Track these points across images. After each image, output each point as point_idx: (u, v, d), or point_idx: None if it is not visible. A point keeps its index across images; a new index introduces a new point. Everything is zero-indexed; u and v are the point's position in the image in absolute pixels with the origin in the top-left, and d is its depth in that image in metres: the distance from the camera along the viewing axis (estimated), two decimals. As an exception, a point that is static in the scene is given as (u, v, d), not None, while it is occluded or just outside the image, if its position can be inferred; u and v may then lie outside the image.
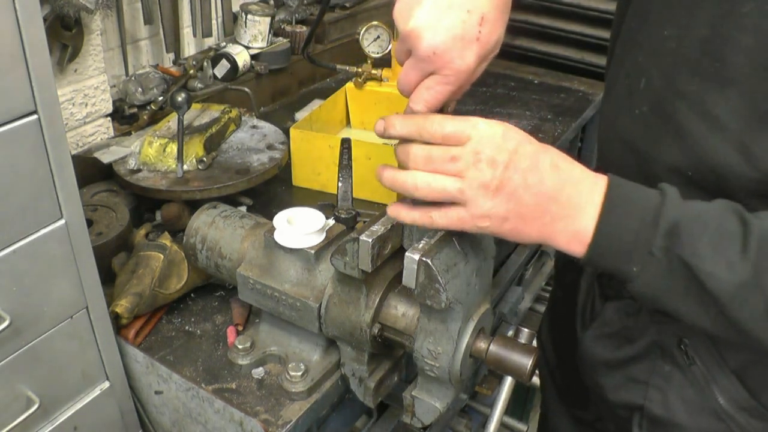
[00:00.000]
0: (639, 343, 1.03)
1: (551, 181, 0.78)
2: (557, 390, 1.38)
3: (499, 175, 0.76)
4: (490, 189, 0.77)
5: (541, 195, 0.78)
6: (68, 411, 1.07)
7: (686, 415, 0.99)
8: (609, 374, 1.08)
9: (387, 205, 0.88)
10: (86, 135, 1.58)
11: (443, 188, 0.78)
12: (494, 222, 0.79)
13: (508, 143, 0.77)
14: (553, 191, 0.78)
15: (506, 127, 0.79)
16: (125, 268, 1.21)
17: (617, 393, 1.07)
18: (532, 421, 2.33)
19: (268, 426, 1.01)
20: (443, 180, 0.78)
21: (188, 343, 1.16)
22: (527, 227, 0.79)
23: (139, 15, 1.72)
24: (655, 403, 1.02)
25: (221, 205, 1.20)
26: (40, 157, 0.89)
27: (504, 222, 0.79)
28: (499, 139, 0.77)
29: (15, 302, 0.93)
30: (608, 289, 1.11)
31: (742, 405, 0.95)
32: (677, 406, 1.00)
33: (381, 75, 1.84)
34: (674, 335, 0.99)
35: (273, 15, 1.98)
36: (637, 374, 1.04)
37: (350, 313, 0.99)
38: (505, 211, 0.78)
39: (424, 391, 0.98)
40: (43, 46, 0.84)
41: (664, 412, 1.01)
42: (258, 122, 1.67)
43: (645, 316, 1.03)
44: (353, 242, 0.90)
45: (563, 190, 0.78)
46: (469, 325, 0.92)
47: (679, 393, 1.00)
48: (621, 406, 1.08)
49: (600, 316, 1.11)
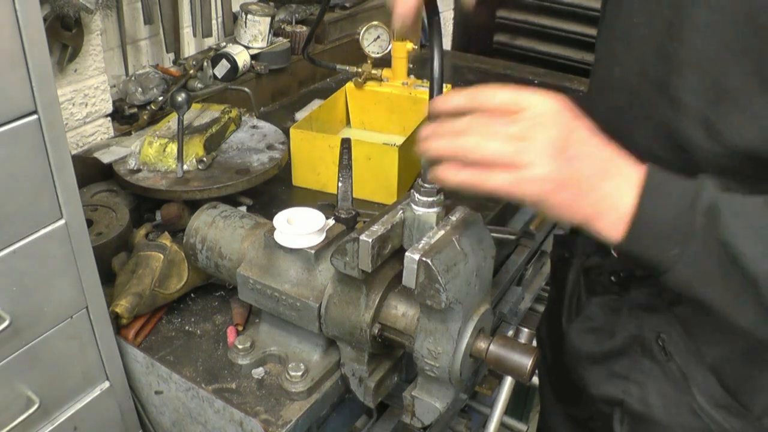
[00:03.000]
0: (619, 337, 1.04)
1: (604, 156, 0.77)
2: (552, 388, 1.39)
3: (563, 136, 0.75)
4: (554, 149, 0.74)
5: (598, 167, 0.76)
6: (68, 411, 1.07)
7: (664, 411, 1.00)
8: (592, 368, 1.09)
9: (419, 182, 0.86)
10: (86, 135, 1.58)
11: (503, 148, 0.75)
12: (549, 188, 0.75)
13: (566, 112, 0.77)
14: (606, 168, 0.77)
15: (559, 98, 0.78)
16: (125, 268, 1.21)
17: (600, 387, 1.08)
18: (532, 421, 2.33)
19: (268, 426, 1.01)
20: (503, 141, 0.75)
21: (188, 343, 1.16)
22: (580, 201, 0.77)
23: (139, 15, 1.72)
24: (634, 398, 1.03)
25: (221, 205, 1.20)
26: (40, 157, 0.89)
27: (560, 190, 0.76)
28: (557, 106, 0.77)
29: (15, 302, 0.93)
30: (594, 284, 1.12)
31: (720, 402, 0.96)
32: (656, 401, 1.00)
33: (381, 75, 1.84)
34: (653, 330, 0.99)
35: (273, 15, 1.98)
36: (618, 369, 1.05)
37: (350, 313, 0.99)
38: (563, 177, 0.75)
39: (424, 391, 0.98)
40: (43, 46, 0.84)
41: (642, 408, 1.02)
42: (258, 122, 1.67)
43: (627, 311, 1.03)
44: (353, 242, 0.90)
45: (610, 170, 0.77)
46: (469, 325, 0.92)
47: (658, 389, 1.00)
48: (603, 401, 1.08)
49: (584, 310, 1.11)
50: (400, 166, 1.49)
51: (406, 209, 0.94)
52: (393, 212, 0.95)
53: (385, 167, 1.50)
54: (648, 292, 1.01)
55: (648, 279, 1.01)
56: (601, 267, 1.10)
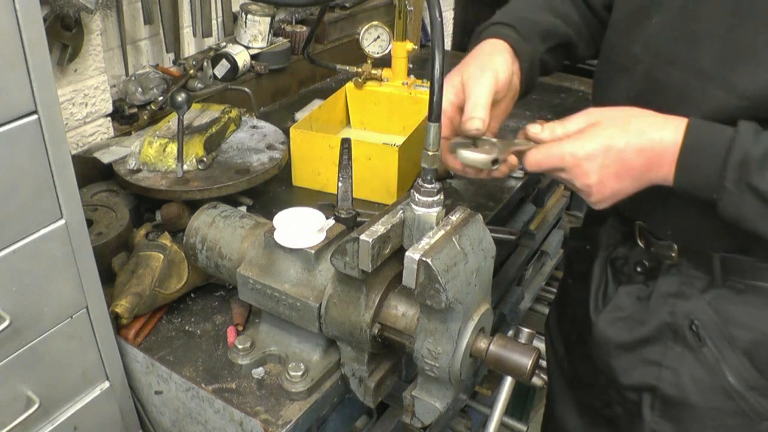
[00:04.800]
0: (651, 325, 1.08)
1: (639, 163, 0.90)
2: (565, 379, 1.40)
3: (603, 170, 0.91)
4: (600, 185, 0.92)
5: (633, 172, 0.91)
6: (68, 411, 1.07)
7: (698, 394, 1.04)
8: (622, 356, 1.12)
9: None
10: (86, 135, 1.58)
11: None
12: (608, 197, 0.94)
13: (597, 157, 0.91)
14: (640, 169, 0.90)
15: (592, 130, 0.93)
16: (125, 268, 1.21)
17: (629, 375, 1.11)
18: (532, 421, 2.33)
19: (268, 426, 1.01)
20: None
21: (188, 343, 1.16)
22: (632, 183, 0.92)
23: (139, 15, 1.72)
24: (667, 384, 1.06)
25: (221, 205, 1.20)
26: (40, 157, 0.89)
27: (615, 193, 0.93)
28: (586, 149, 0.91)
29: (15, 302, 0.93)
30: (621, 274, 1.15)
31: (752, 384, 1.00)
32: (689, 386, 1.04)
33: (381, 75, 1.84)
34: (686, 317, 1.04)
35: (273, 15, 1.98)
36: (649, 356, 1.08)
37: (350, 313, 0.99)
38: (615, 190, 0.93)
39: (424, 391, 0.98)
40: (43, 46, 0.84)
41: (676, 392, 1.06)
42: (258, 122, 1.67)
43: (656, 299, 1.06)
44: (353, 242, 0.90)
45: (650, 160, 0.89)
46: (469, 325, 0.92)
47: (691, 373, 1.04)
48: (632, 388, 1.12)
49: (613, 300, 1.14)
50: (400, 166, 1.49)
51: (406, 209, 0.94)
52: (393, 212, 0.95)
53: (385, 167, 1.50)
54: (679, 281, 1.05)
55: (677, 267, 1.06)
56: (627, 258, 1.14)
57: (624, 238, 1.15)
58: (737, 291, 1.01)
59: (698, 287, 1.04)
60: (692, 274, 1.04)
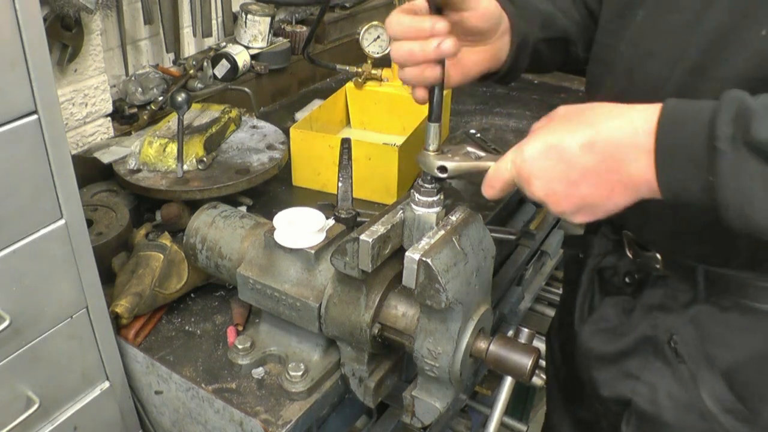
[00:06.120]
0: (632, 337, 1.04)
1: (589, 162, 0.76)
2: (560, 389, 1.38)
3: (557, 174, 0.78)
4: (554, 190, 0.79)
5: (588, 173, 0.76)
6: (68, 411, 1.07)
7: (672, 411, 1.00)
8: (603, 368, 1.09)
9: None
10: (86, 135, 1.58)
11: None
12: (575, 208, 0.80)
13: (545, 140, 0.79)
14: (596, 168, 0.76)
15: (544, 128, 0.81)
16: (125, 268, 1.21)
17: (610, 387, 1.08)
18: (532, 421, 2.33)
19: (268, 426, 1.01)
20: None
21: (188, 343, 1.16)
22: (605, 189, 0.77)
23: (139, 15, 1.72)
24: (642, 398, 1.03)
25: (221, 205, 1.20)
26: (40, 157, 0.89)
27: (583, 201, 0.79)
28: (535, 148, 0.80)
29: (15, 302, 0.93)
30: (608, 284, 1.12)
31: (728, 407, 0.96)
32: (664, 402, 1.01)
33: (381, 75, 1.84)
34: (666, 331, 1.00)
35: (273, 15, 1.98)
36: (629, 369, 1.05)
37: (350, 313, 0.98)
38: (579, 198, 0.78)
39: (424, 391, 0.98)
40: (43, 46, 0.84)
41: (651, 408, 1.02)
42: (258, 122, 1.67)
43: (640, 312, 1.04)
44: (353, 242, 0.90)
45: (610, 156, 0.75)
46: (469, 325, 0.92)
47: (668, 389, 1.00)
48: (613, 401, 1.09)
49: (597, 310, 1.12)
50: (400, 166, 1.49)
51: (406, 209, 0.94)
52: (393, 212, 0.95)
53: (385, 167, 1.50)
54: (663, 293, 1.02)
55: (663, 279, 1.02)
56: (615, 267, 1.11)
57: (614, 247, 1.12)
58: (721, 308, 0.96)
59: (681, 301, 0.99)
60: (677, 287, 1.00)
